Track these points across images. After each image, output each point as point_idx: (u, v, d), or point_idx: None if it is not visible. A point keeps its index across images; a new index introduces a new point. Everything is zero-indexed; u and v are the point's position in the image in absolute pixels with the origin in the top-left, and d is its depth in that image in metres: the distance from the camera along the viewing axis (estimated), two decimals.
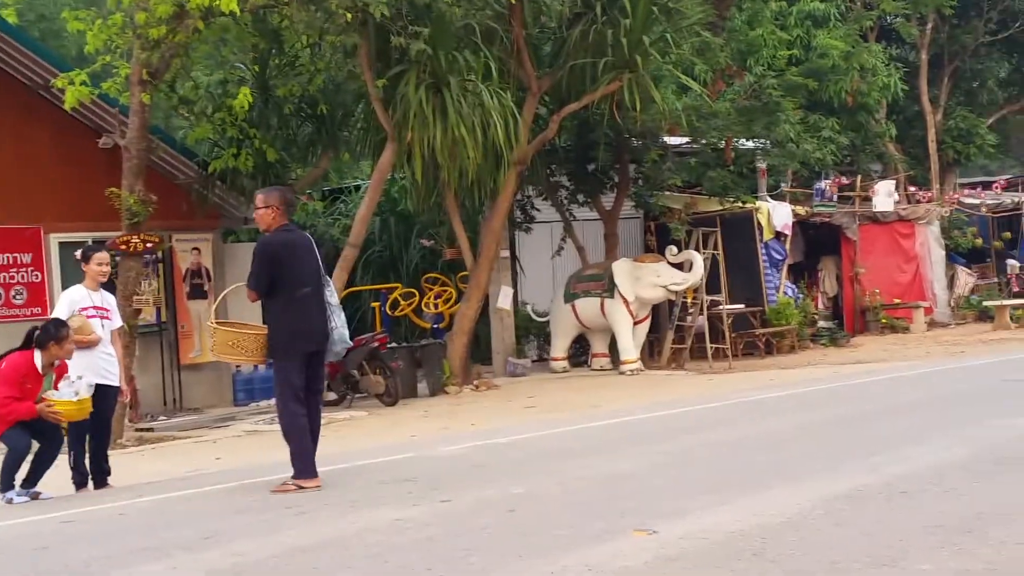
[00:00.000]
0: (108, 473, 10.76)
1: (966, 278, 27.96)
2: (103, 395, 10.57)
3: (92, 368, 10.47)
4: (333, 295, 9.40)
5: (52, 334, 9.99)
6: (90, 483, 10.56)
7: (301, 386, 9.19)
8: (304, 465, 9.13)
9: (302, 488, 8.99)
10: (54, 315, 10.79)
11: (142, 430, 16.35)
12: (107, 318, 10.85)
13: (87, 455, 10.59)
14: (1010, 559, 5.80)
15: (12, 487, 9.90)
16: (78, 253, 11.47)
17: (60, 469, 10.29)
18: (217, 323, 9.59)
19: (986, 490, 7.55)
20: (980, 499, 7.26)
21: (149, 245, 15.56)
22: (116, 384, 10.78)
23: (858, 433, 10.67)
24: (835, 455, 9.33)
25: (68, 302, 10.78)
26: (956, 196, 28.94)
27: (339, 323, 9.29)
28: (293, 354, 9.14)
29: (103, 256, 11.04)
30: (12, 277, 17.42)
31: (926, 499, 7.32)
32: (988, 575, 5.55)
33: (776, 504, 7.34)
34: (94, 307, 10.78)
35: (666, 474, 8.95)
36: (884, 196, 25.55)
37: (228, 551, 6.96)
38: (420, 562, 6.36)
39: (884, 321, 25.33)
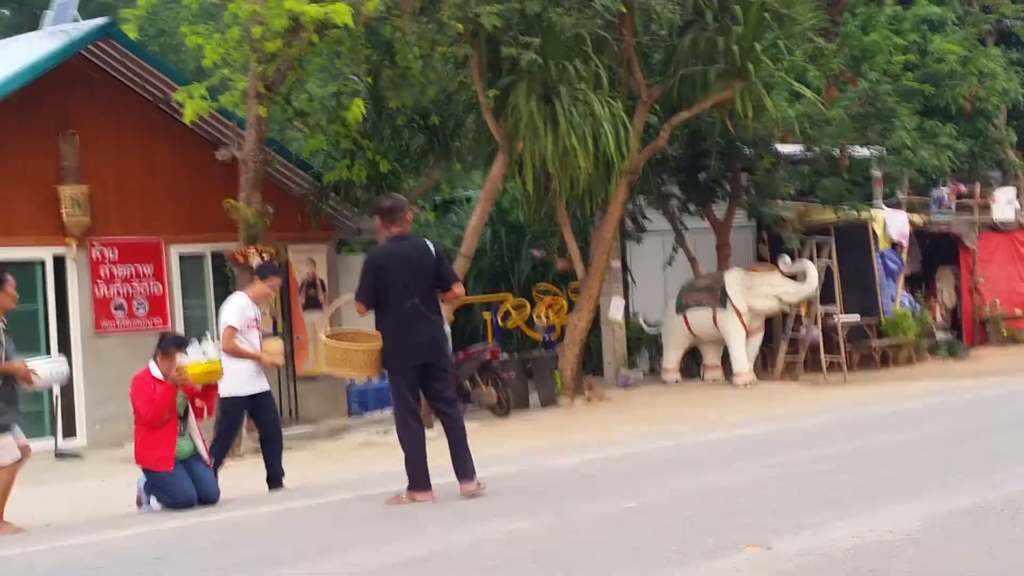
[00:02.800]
0: (283, 474, 11.16)
1: None
2: (261, 401, 11.07)
3: (250, 376, 10.93)
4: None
5: (159, 344, 10.17)
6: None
7: (415, 398, 9.24)
8: (417, 476, 9.17)
9: (415, 499, 9.03)
10: (227, 322, 11.03)
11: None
12: (260, 330, 11.26)
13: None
14: None
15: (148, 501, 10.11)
16: (255, 263, 11.84)
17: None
18: (328, 337, 9.66)
19: None
20: None
21: (266, 257, 15.76)
22: (268, 388, 11.26)
23: (978, 448, 10.44)
24: (954, 470, 9.15)
25: (239, 309, 11.07)
26: None
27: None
28: (400, 367, 9.18)
29: (278, 281, 11.36)
30: (134, 289, 17.77)
31: None
32: None
33: (894, 520, 7.21)
34: (255, 319, 11.15)
35: (780, 488, 8.84)
36: (1004, 204, 24.97)
37: (342, 562, 7.03)
38: (533, 575, 6.36)
39: (1005, 333, 24.75)
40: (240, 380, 10.83)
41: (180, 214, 18.31)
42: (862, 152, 22.17)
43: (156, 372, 10.00)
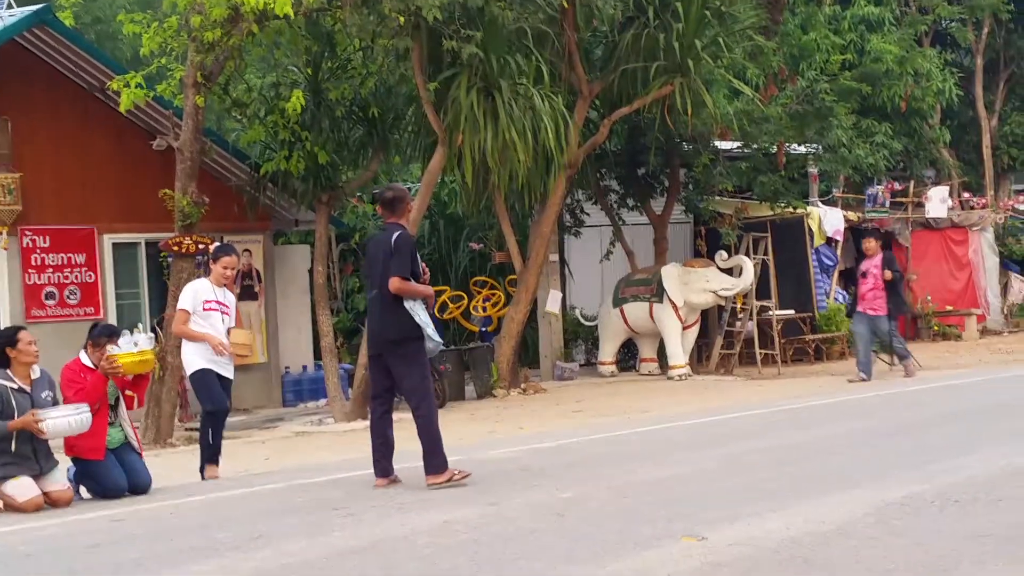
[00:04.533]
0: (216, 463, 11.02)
1: (1020, 285, 27.65)
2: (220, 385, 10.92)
3: (213, 357, 10.79)
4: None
5: (91, 334, 10.05)
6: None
7: (377, 385, 9.43)
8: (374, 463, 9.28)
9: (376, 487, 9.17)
10: (179, 306, 10.97)
11: (192, 429, 16.44)
12: (227, 314, 11.06)
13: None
14: None
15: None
16: (212, 248, 11.73)
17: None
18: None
19: None
20: None
21: (201, 247, 15.63)
22: (231, 377, 11.08)
23: (910, 441, 10.58)
24: (887, 463, 9.26)
25: (192, 292, 10.98)
26: (1011, 203, 28.63)
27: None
28: (369, 355, 9.53)
29: (231, 261, 11.20)
30: (66, 277, 17.58)
31: (979, 509, 7.25)
32: None
33: (827, 511, 7.30)
34: (216, 301, 10.96)
35: (716, 480, 8.91)
36: (938, 202, 25.29)
37: (277, 551, 7.00)
38: (468, 565, 6.36)
39: (936, 328, 25.08)
40: (202, 358, 10.77)
41: (114, 203, 18.15)
42: (799, 150, 22.38)
43: (87, 361, 9.89)
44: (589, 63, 19.57)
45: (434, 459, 9.02)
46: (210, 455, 10.90)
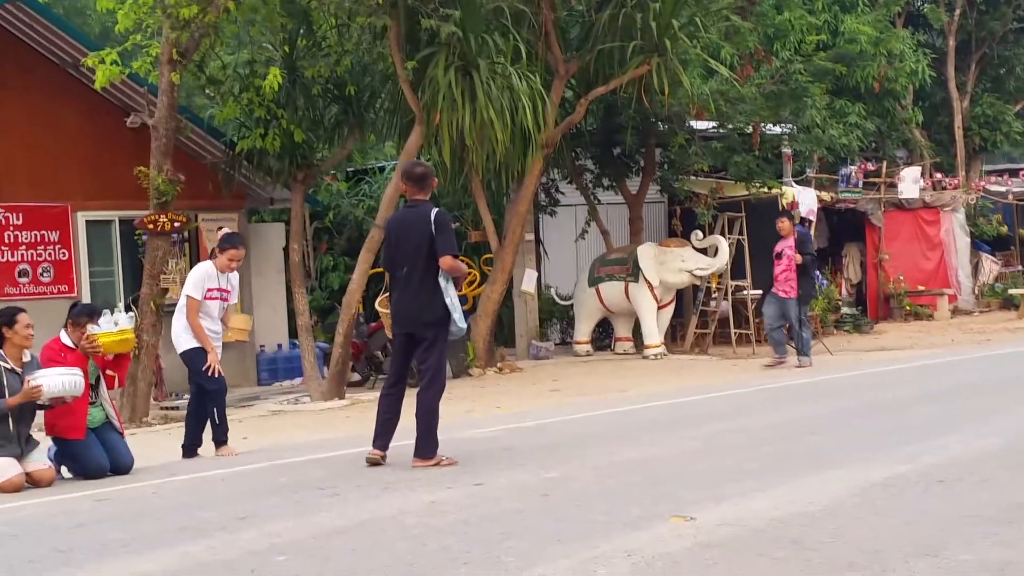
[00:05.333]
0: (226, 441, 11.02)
1: (991, 266, 27.88)
2: None
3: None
4: (444, 277, 9.08)
5: (71, 313, 9.98)
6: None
7: (398, 364, 9.39)
8: (375, 436, 9.25)
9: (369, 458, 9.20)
10: (187, 291, 10.92)
11: (167, 408, 16.40)
12: (226, 299, 11.10)
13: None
14: None
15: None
16: (219, 233, 11.74)
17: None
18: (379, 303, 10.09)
19: (1022, 481, 7.52)
20: (1017, 490, 7.23)
21: (177, 225, 15.57)
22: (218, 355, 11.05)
23: (889, 421, 10.63)
24: (868, 443, 9.30)
25: (200, 278, 10.93)
26: (982, 183, 28.79)
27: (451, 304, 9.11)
28: (394, 332, 9.46)
29: (238, 253, 11.16)
30: (40, 255, 17.47)
31: (963, 489, 7.30)
32: None
33: (813, 492, 7.33)
34: (218, 288, 10.98)
35: (698, 460, 8.93)
36: (910, 183, 25.42)
37: (264, 531, 6.98)
38: (458, 545, 6.36)
39: (908, 308, 25.26)
40: (193, 338, 10.79)
41: (88, 180, 18.02)
42: (774, 130, 22.41)
43: (67, 341, 9.83)
44: (565, 42, 19.53)
45: (427, 442, 9.03)
46: (221, 434, 10.90)
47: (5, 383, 9.19)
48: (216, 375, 10.75)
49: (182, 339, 10.90)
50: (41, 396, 9.20)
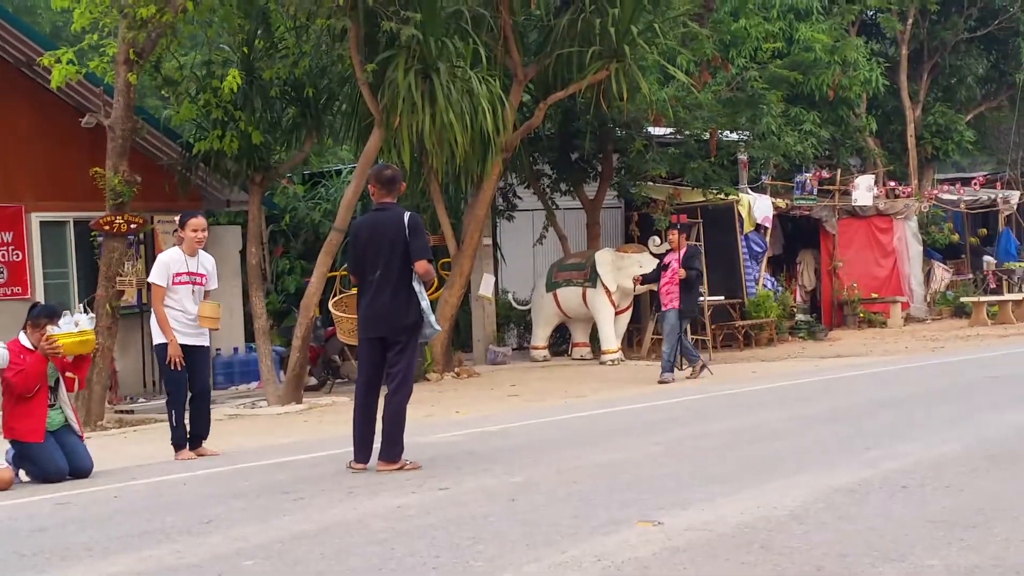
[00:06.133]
0: (203, 438, 10.95)
1: (942, 274, 28.15)
2: (193, 355, 10.73)
3: (182, 326, 10.68)
4: (417, 280, 9.09)
5: (30, 314, 9.89)
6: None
7: (369, 371, 9.22)
8: (354, 447, 9.15)
9: (350, 467, 9.11)
10: (150, 279, 10.81)
11: (122, 412, 16.27)
12: (199, 284, 10.90)
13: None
14: (1018, 555, 5.82)
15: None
16: (177, 219, 11.51)
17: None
18: (333, 304, 9.84)
19: (984, 486, 7.58)
20: (979, 495, 7.28)
21: (133, 226, 15.47)
22: (205, 344, 10.93)
23: (848, 427, 10.69)
24: (829, 449, 9.36)
25: (163, 265, 10.79)
26: (934, 192, 29.07)
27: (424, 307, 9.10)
28: (361, 337, 9.25)
29: (199, 222, 10.96)
30: None
31: (927, 494, 7.34)
32: (996, 571, 5.56)
33: (777, 497, 7.35)
34: (188, 273, 10.80)
35: (661, 465, 8.94)
36: (864, 190, 25.63)
37: (230, 536, 6.92)
38: (427, 550, 6.33)
39: (862, 315, 25.45)
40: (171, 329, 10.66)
41: (42, 181, 17.80)
42: (731, 136, 22.54)
43: (26, 342, 9.73)
44: (524, 47, 19.55)
45: (393, 447, 9.00)
46: (177, 437, 10.83)
47: None
48: (177, 367, 10.58)
49: (156, 334, 10.79)
50: None
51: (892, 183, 28.14)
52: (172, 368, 10.63)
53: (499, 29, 18.30)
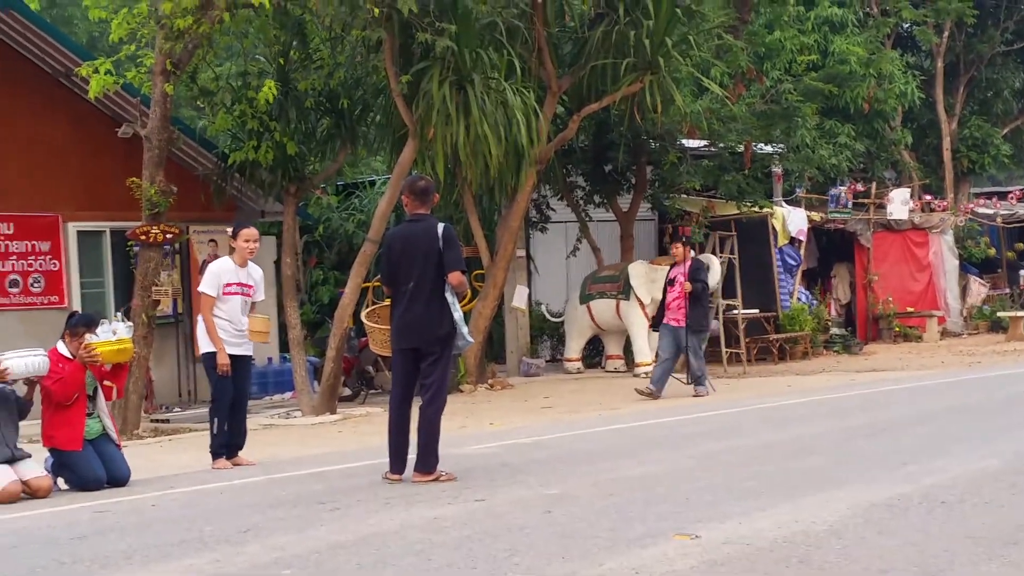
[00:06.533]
0: (240, 447, 11.00)
1: (978, 288, 27.96)
2: (236, 365, 10.78)
3: (227, 335, 10.73)
4: (450, 292, 9.09)
5: (68, 323, 9.95)
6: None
7: (402, 382, 9.27)
8: (390, 458, 9.20)
9: (387, 478, 9.15)
10: (200, 288, 10.89)
11: (158, 421, 16.34)
12: (248, 295, 10.95)
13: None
14: None
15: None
16: (229, 229, 11.56)
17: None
18: (366, 316, 10.08)
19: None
20: (1020, 511, 7.24)
21: (169, 236, 15.52)
22: (249, 354, 11.01)
23: (886, 442, 10.63)
24: (867, 464, 9.30)
25: (214, 275, 10.86)
26: (970, 205, 28.90)
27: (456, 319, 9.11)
28: (394, 348, 9.26)
29: (251, 232, 11.05)
30: (30, 265, 17.38)
31: (966, 510, 7.29)
32: None
33: (815, 511, 7.31)
34: (238, 283, 10.86)
35: (698, 479, 8.91)
36: (899, 204, 25.50)
37: (268, 545, 6.94)
38: (463, 561, 6.33)
39: (897, 329, 25.30)
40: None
41: (79, 191, 17.96)
42: (765, 149, 22.48)
43: (64, 351, 9.79)
44: (559, 58, 19.53)
45: (429, 457, 9.01)
46: (216, 445, 10.88)
47: None
48: (225, 374, 10.63)
49: (203, 342, 10.85)
50: (9, 377, 9.19)
51: (927, 197, 27.98)
52: (221, 376, 10.67)
53: (533, 41, 18.30)
